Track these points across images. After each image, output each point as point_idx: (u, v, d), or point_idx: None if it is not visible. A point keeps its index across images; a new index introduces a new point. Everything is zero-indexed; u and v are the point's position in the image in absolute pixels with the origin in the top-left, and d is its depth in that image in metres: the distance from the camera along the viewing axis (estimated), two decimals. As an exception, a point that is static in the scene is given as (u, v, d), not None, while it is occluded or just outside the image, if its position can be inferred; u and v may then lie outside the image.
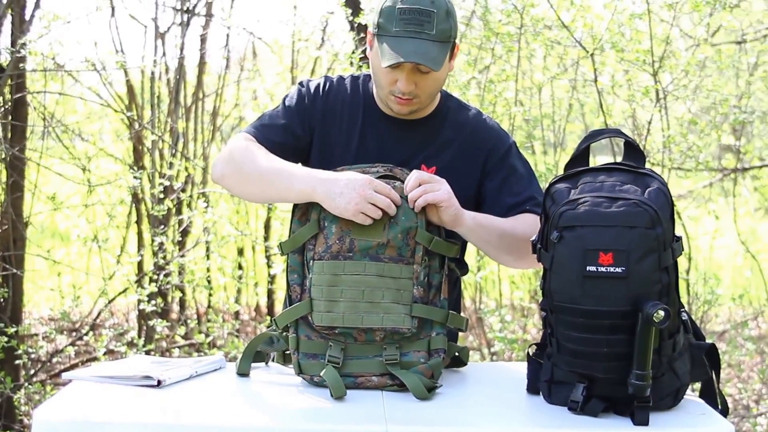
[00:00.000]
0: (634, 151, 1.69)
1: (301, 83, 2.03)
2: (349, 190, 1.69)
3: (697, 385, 1.75)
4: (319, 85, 2.00)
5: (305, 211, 1.77)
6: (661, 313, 1.48)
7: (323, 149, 1.96)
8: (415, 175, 1.74)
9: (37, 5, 3.91)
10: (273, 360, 1.90)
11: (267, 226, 5.37)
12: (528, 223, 1.85)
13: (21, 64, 3.69)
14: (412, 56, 1.78)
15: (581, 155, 1.70)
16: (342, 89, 2.00)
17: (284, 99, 2.01)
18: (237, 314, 5.30)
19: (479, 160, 1.95)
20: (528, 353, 1.76)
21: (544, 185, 3.99)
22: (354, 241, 1.71)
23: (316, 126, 1.96)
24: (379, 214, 1.70)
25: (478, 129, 1.98)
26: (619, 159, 2.03)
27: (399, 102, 1.88)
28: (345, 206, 1.69)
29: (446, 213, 1.73)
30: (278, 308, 5.47)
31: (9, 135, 3.86)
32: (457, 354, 1.90)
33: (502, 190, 1.93)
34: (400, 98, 1.87)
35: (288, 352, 1.79)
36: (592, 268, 1.52)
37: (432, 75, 1.85)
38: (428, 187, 1.72)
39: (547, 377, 1.67)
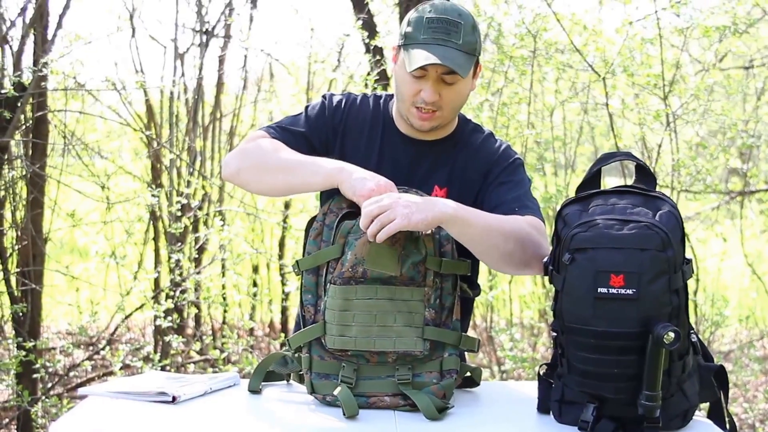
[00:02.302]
0: (645, 174, 1.70)
1: (324, 96, 2.04)
2: (373, 180, 1.73)
3: (705, 405, 1.76)
4: (341, 100, 2.02)
5: (320, 231, 1.78)
6: (672, 334, 1.49)
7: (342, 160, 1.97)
8: (364, 212, 1.67)
9: (59, 25, 3.98)
10: (291, 379, 1.92)
11: (281, 245, 5.41)
12: (518, 221, 1.80)
13: (43, 83, 3.75)
14: (440, 59, 1.79)
15: (593, 178, 1.72)
16: (364, 107, 2.02)
17: (306, 108, 2.03)
18: (251, 330, 5.33)
19: (482, 173, 1.95)
20: (539, 373, 1.78)
21: (555, 207, 4.03)
22: (366, 271, 1.71)
23: (332, 141, 1.98)
24: (383, 232, 1.64)
25: (484, 147, 1.99)
26: (628, 181, 2.05)
27: (421, 116, 1.88)
28: (362, 186, 1.71)
29: (414, 228, 1.67)
30: (291, 324, 5.50)
31: (30, 152, 3.92)
32: (469, 374, 1.91)
33: (494, 192, 1.92)
34: (422, 111, 1.88)
35: (302, 372, 1.80)
36: (604, 290, 1.53)
37: (456, 88, 1.87)
38: (383, 219, 1.64)
39: (558, 397, 1.68)
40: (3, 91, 3.50)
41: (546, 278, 1.92)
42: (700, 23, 3.51)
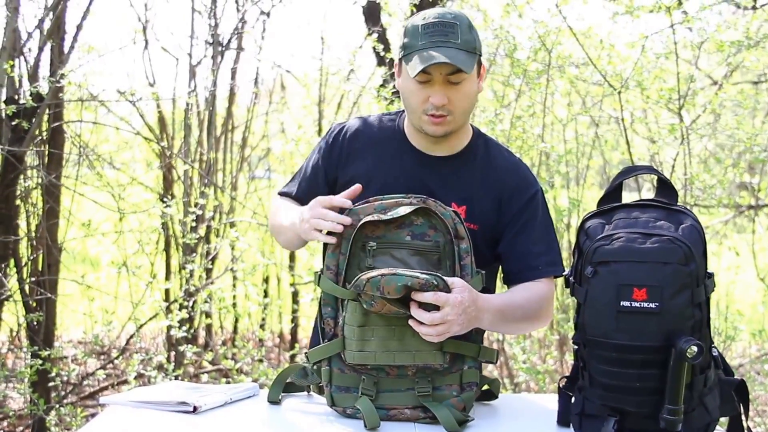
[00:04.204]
0: (666, 188, 1.70)
1: (329, 131, 2.09)
2: (305, 214, 1.80)
3: (724, 420, 1.76)
4: (339, 131, 2.05)
5: (338, 243, 1.78)
6: (694, 348, 1.49)
7: (351, 182, 1.96)
8: (426, 319, 1.66)
9: (75, 38, 4.01)
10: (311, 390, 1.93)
11: (292, 256, 5.42)
12: (535, 300, 1.88)
13: (60, 94, 3.78)
14: (441, 59, 1.80)
15: (614, 191, 1.73)
16: (368, 128, 2.03)
17: (316, 147, 2.11)
18: (261, 341, 5.34)
19: (504, 197, 1.95)
20: (559, 386, 1.78)
21: (566, 220, 4.02)
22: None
23: (337, 170, 2.02)
24: (331, 226, 1.74)
25: (507, 169, 1.99)
26: (636, 196, 2.05)
27: (433, 121, 1.88)
28: (303, 229, 1.80)
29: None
30: (301, 335, 5.50)
31: (46, 162, 3.95)
32: (487, 387, 1.92)
33: (519, 235, 1.93)
34: (433, 117, 1.87)
35: (322, 384, 1.81)
36: (626, 303, 1.53)
37: (463, 88, 1.86)
38: (440, 330, 1.67)
39: (578, 410, 1.68)
40: (21, 102, 3.53)
41: (555, 290, 1.94)
42: (714, 38, 3.52)
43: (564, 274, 1.74)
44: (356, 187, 1.81)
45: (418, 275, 1.65)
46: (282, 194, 2.10)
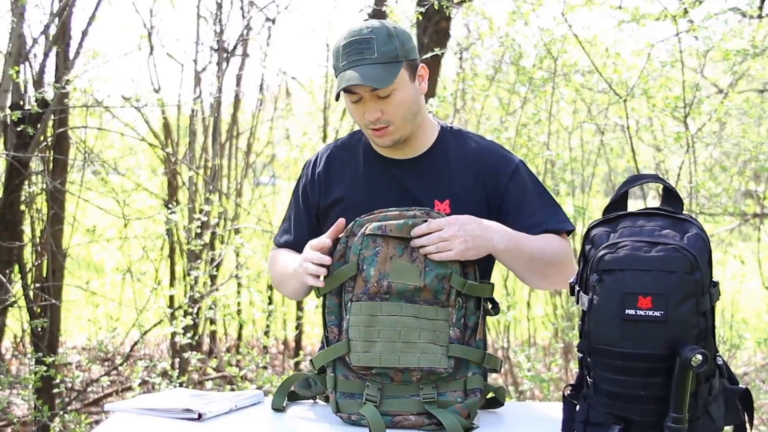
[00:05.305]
0: (672, 197, 1.70)
1: (302, 170, 2.13)
2: (301, 259, 1.84)
3: (728, 428, 1.75)
4: (313, 164, 2.09)
5: (343, 253, 1.79)
6: (699, 357, 1.49)
7: (333, 207, 2.02)
8: (428, 237, 1.74)
9: (80, 44, 4.02)
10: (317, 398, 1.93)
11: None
12: (554, 245, 1.90)
13: (65, 100, 3.80)
14: (347, 83, 1.82)
15: (620, 200, 1.72)
16: (338, 150, 2.07)
17: (295, 191, 2.14)
18: (265, 348, 5.33)
19: (486, 181, 1.96)
20: (563, 394, 1.78)
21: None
22: (392, 284, 1.74)
23: (320, 199, 2.05)
24: (320, 271, 1.77)
25: (481, 153, 1.99)
26: (641, 203, 2.04)
27: (376, 134, 1.92)
28: (301, 274, 1.82)
29: (464, 260, 1.77)
30: (305, 342, 5.49)
31: (50, 168, 3.96)
32: (492, 395, 1.91)
33: (519, 211, 1.94)
34: (374, 130, 1.91)
35: (326, 393, 1.81)
36: (631, 312, 1.53)
37: (394, 99, 1.87)
38: (441, 246, 1.74)
39: (583, 418, 1.67)
40: (26, 108, 3.54)
41: (560, 298, 1.94)
42: (720, 46, 3.52)
43: (570, 282, 1.74)
44: (340, 222, 1.82)
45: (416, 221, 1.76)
46: (281, 246, 2.11)
